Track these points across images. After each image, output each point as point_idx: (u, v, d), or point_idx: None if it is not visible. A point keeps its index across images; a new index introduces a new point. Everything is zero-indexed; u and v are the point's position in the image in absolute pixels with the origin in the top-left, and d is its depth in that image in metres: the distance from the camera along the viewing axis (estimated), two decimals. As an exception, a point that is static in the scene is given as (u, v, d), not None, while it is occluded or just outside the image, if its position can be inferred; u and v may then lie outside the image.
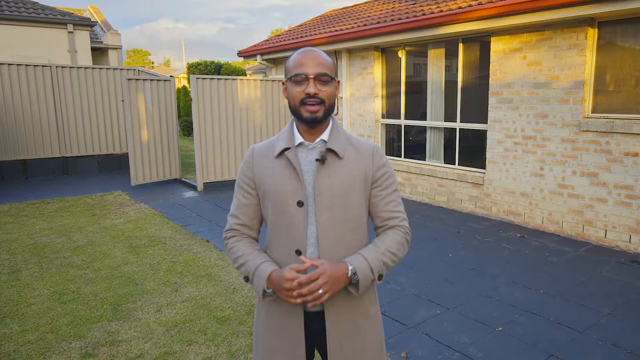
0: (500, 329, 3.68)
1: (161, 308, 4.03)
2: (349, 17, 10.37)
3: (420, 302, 4.17)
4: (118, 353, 3.32)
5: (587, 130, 5.75)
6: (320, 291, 1.47)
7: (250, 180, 1.72)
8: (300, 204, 1.62)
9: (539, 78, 6.18)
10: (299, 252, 1.62)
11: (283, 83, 1.69)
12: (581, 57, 5.74)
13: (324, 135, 1.67)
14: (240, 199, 1.74)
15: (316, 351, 1.84)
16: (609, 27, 5.62)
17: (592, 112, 5.81)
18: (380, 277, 1.61)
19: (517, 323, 3.77)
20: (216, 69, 18.27)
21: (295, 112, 1.63)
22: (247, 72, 24.32)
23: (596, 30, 5.68)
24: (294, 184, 1.63)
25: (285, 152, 1.66)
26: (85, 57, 12.38)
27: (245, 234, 1.75)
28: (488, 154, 6.90)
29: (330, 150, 1.65)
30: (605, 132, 5.58)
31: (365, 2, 11.94)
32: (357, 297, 1.68)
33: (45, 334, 3.58)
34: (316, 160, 1.63)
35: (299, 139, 1.68)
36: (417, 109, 8.23)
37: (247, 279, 1.65)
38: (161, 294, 4.32)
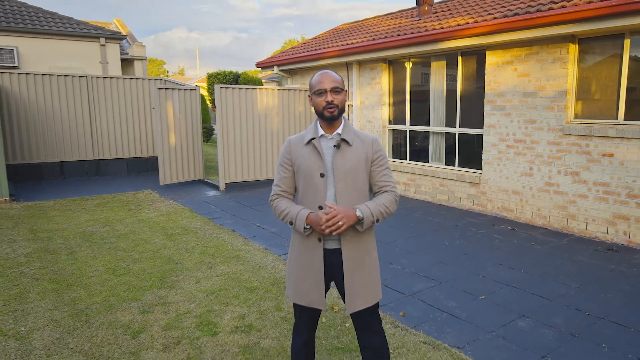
0: (482, 297, 4.39)
1: (200, 280, 4.78)
2: (359, 31, 11.14)
3: (418, 278, 4.88)
4: (169, 310, 4.08)
5: (569, 134, 6.43)
6: (340, 223, 2.22)
7: (288, 160, 2.47)
8: (322, 175, 2.37)
9: (527, 88, 6.89)
10: (320, 208, 2.36)
11: (309, 96, 2.45)
12: (564, 70, 6.44)
13: (339, 130, 2.42)
14: (281, 174, 2.49)
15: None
16: (588, 43, 6.32)
17: (574, 118, 6.51)
18: (377, 220, 2.34)
19: (498, 294, 4.47)
20: (234, 79, 19.15)
21: (319, 114, 2.39)
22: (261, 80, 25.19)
23: (577, 45, 6.39)
24: (317, 162, 2.38)
25: (312, 141, 2.41)
26: (115, 68, 13.30)
27: (284, 197, 2.50)
28: (484, 156, 7.60)
29: (343, 139, 2.40)
30: (585, 135, 6.26)
31: (375, 17, 12.72)
32: (363, 240, 2.42)
33: (107, 297, 4.35)
34: (334, 146, 2.38)
35: (321, 132, 2.43)
36: (420, 115, 8.95)
37: (291, 223, 2.39)
38: (198, 270, 5.08)
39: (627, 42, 5.91)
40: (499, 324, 3.84)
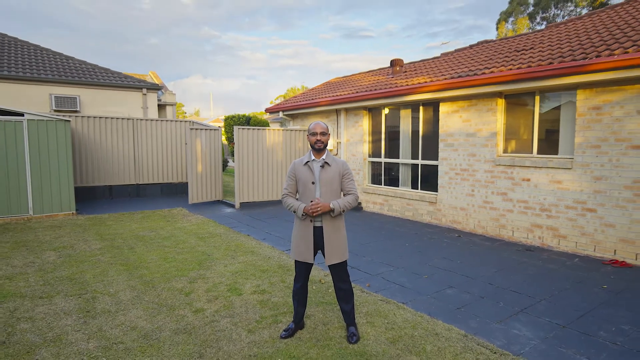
0: (425, 276, 5.53)
1: (227, 265, 5.91)
2: (346, 85, 12.53)
3: (382, 265, 6.02)
4: (208, 282, 5.20)
5: (499, 165, 7.68)
6: (318, 209, 3.39)
7: (293, 174, 3.68)
8: (313, 183, 3.57)
9: (469, 130, 8.17)
10: (311, 202, 3.55)
11: (307, 135, 3.67)
12: (494, 117, 7.73)
13: (324, 156, 3.64)
14: (288, 181, 3.70)
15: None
16: (511, 98, 7.64)
17: (502, 152, 7.76)
18: (343, 210, 3.52)
19: (437, 275, 5.61)
20: (246, 120, 20.57)
21: (312, 146, 3.62)
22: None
23: (503, 100, 7.70)
24: (310, 175, 3.59)
25: (307, 163, 3.63)
26: (153, 112, 14.62)
27: (290, 195, 3.69)
28: (439, 181, 8.82)
29: (326, 162, 3.61)
30: (510, 165, 7.51)
31: (359, 73, 14.18)
32: (336, 223, 3.60)
33: (164, 274, 5.47)
34: (320, 166, 3.60)
35: (313, 158, 3.65)
36: (393, 150, 10.22)
37: (294, 211, 3.56)
38: (225, 259, 6.21)
39: (537, 97, 7.22)
40: (433, 291, 4.98)
